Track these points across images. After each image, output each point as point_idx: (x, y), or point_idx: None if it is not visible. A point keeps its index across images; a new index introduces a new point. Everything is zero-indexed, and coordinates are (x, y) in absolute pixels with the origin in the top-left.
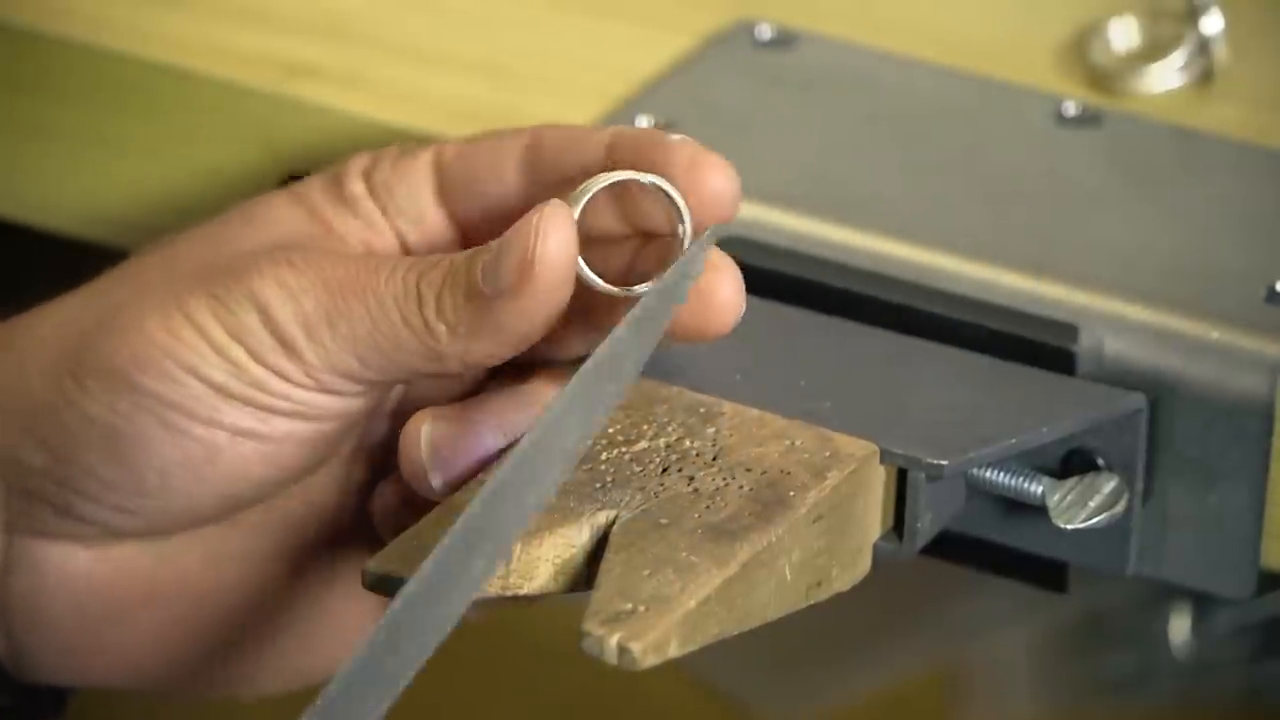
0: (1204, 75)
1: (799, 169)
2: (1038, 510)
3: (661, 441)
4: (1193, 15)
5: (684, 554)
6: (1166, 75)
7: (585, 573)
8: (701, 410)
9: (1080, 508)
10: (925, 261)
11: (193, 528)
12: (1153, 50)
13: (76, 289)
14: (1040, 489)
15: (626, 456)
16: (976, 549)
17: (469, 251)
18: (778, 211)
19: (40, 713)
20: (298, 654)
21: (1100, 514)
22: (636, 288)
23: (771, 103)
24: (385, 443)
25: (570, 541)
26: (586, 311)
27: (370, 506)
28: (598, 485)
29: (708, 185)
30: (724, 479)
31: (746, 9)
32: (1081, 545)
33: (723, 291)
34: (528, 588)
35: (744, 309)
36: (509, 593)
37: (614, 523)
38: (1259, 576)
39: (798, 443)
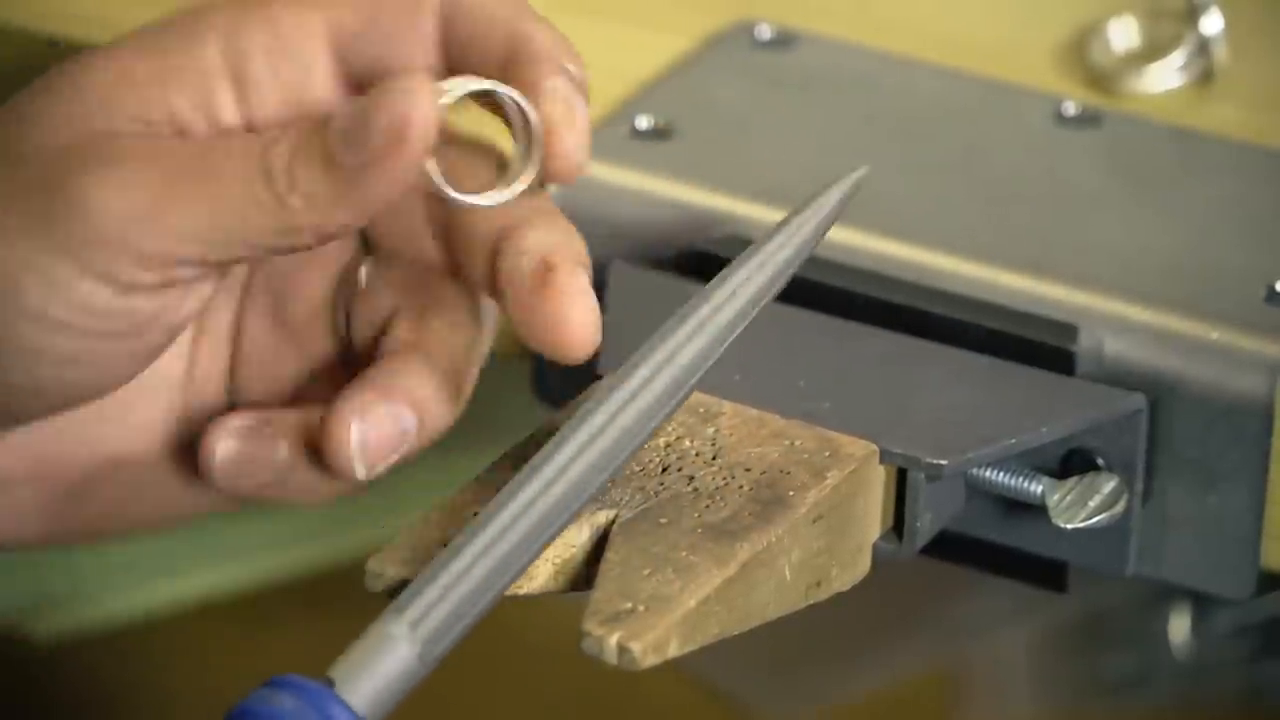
0: (1204, 75)
1: (799, 169)
2: (1038, 510)
3: (661, 441)
4: (1193, 15)
5: (684, 554)
6: (1166, 75)
7: (585, 573)
8: (701, 410)
9: (1080, 508)
10: (925, 261)
11: (38, 417)
12: (1152, 50)
13: None
14: (1040, 489)
15: None
16: (976, 549)
17: (314, 120)
18: (778, 212)
19: None
20: (154, 515)
21: (1100, 514)
22: (483, 196)
23: (771, 103)
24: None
25: (570, 541)
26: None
27: (202, 449)
28: None
29: (562, 144)
30: (724, 479)
31: (746, 9)
32: (1081, 545)
33: (574, 315)
34: (528, 588)
35: (596, 337)
36: (509, 592)
37: (614, 522)
38: (1259, 576)
39: (797, 443)
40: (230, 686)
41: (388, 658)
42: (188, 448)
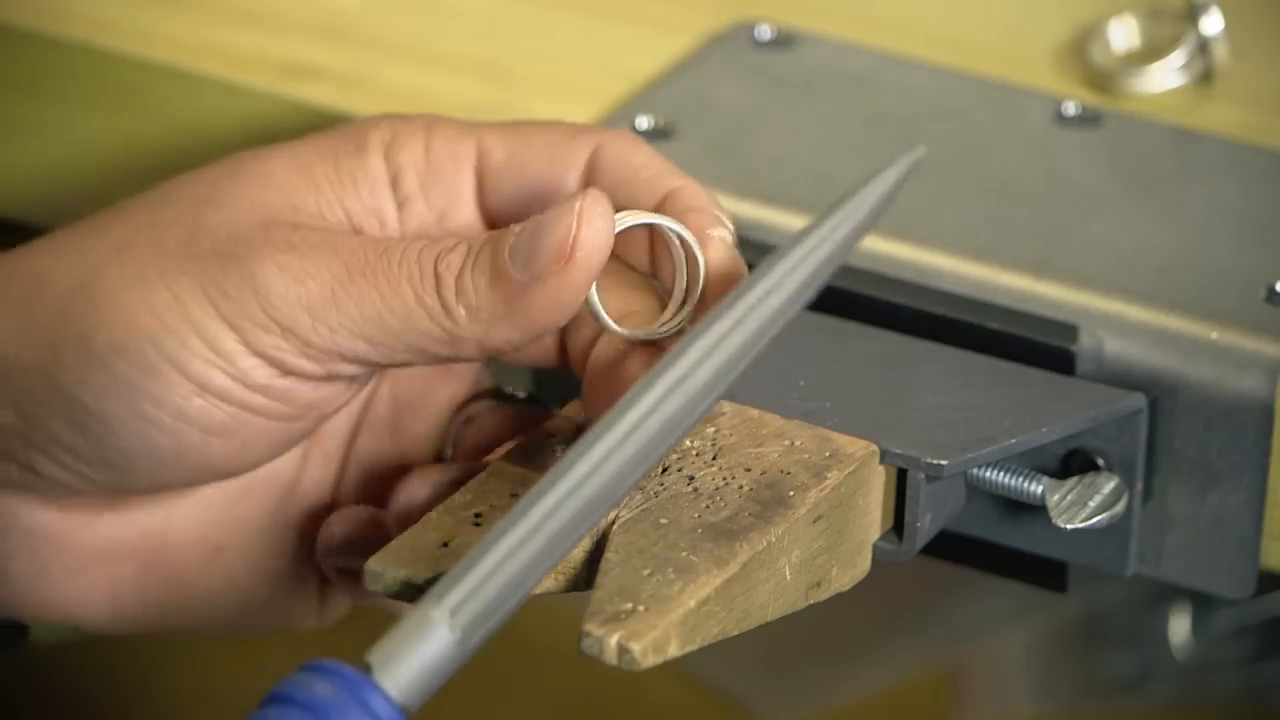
0: (1204, 75)
1: (799, 169)
2: (1038, 510)
3: None
4: (1193, 15)
5: (684, 554)
6: (1166, 75)
7: (585, 573)
8: None
9: (1080, 508)
10: (925, 261)
11: (155, 497)
12: (1152, 50)
13: (52, 233)
14: (1040, 489)
15: None
16: (976, 549)
17: (488, 234)
18: (778, 211)
19: (3, 644)
20: (244, 618)
21: (1100, 514)
22: (636, 330)
23: (771, 103)
24: (359, 428)
25: None
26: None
27: (319, 534)
28: None
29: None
30: (724, 478)
31: (746, 9)
32: (1081, 545)
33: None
34: None
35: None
36: None
37: (614, 522)
38: (1259, 576)
39: (798, 443)
40: (230, 687)
41: (427, 644)
42: (281, 550)
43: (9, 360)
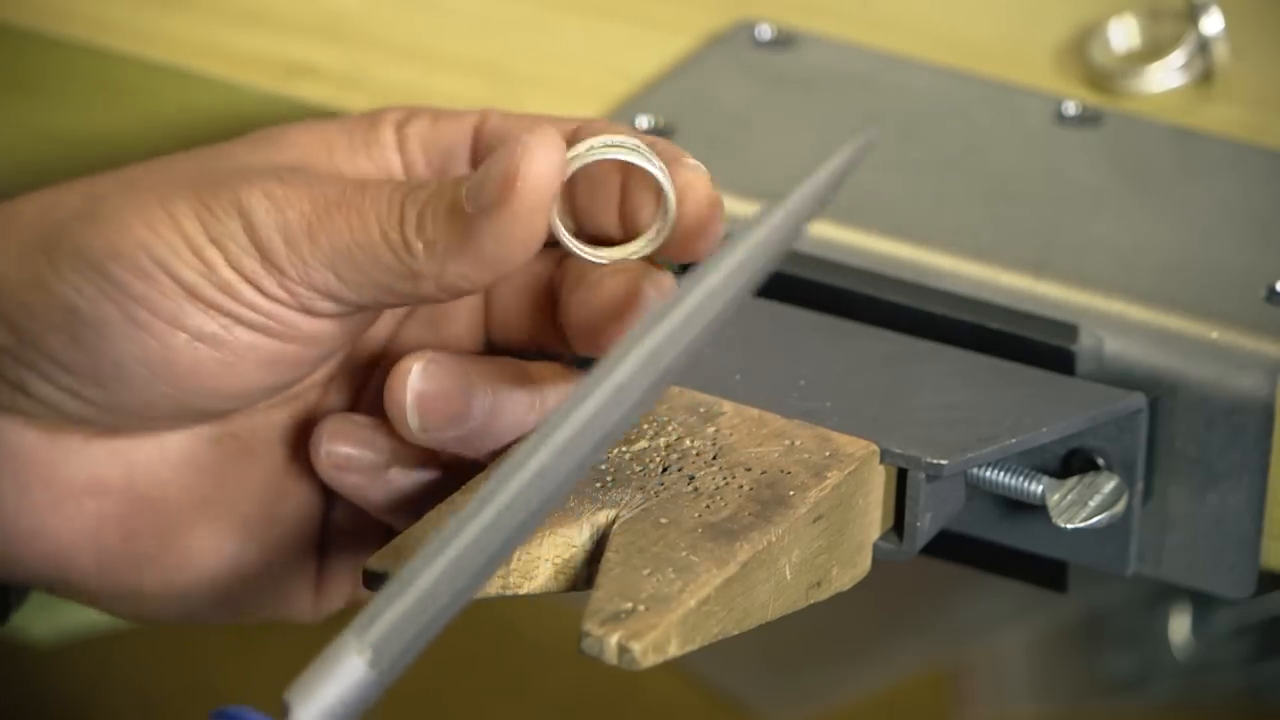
0: (1204, 75)
1: (799, 169)
2: (1038, 510)
3: (661, 441)
4: (1193, 15)
5: (684, 553)
6: (1166, 75)
7: (585, 572)
8: (701, 410)
9: (1080, 507)
10: (925, 261)
11: (146, 428)
12: (1153, 50)
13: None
14: (1040, 489)
15: (626, 456)
16: (976, 549)
17: (456, 175)
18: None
19: None
20: (233, 596)
21: (1100, 514)
22: (607, 251)
23: (771, 103)
24: (359, 390)
25: (570, 541)
26: (570, 285)
27: (314, 435)
28: (598, 485)
29: (696, 206)
30: (724, 478)
31: (746, 9)
32: (1081, 545)
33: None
34: (528, 587)
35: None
36: (509, 592)
37: (614, 522)
38: (1259, 576)
39: (798, 442)
40: (228, 686)
41: (347, 682)
42: (273, 526)
43: (7, 276)
